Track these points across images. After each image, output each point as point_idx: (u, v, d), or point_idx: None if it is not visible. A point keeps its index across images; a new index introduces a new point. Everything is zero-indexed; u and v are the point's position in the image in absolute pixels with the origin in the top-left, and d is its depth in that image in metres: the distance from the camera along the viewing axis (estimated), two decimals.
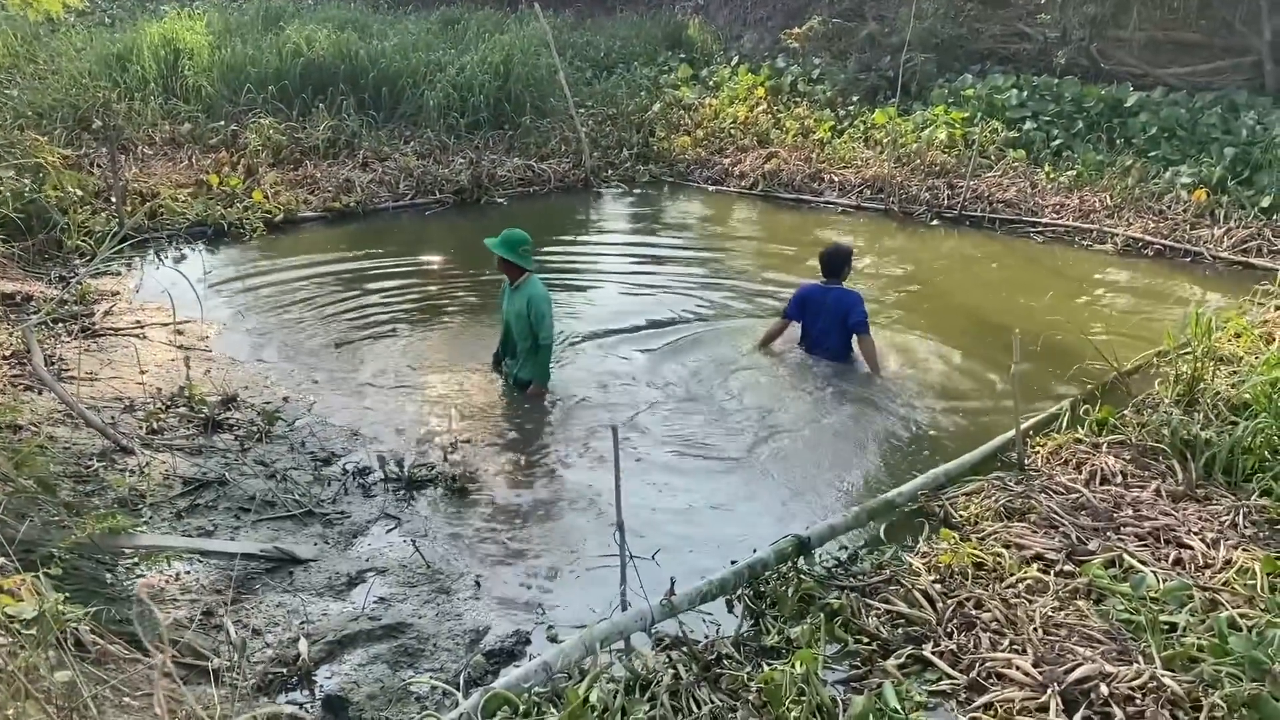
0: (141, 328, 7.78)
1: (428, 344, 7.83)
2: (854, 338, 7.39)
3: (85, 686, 3.23)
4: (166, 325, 7.72)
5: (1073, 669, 3.94)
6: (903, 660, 4.17)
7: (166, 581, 4.56)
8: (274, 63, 14.38)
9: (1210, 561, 4.82)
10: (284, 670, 4.06)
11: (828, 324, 7.42)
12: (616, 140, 14.80)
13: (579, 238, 11.49)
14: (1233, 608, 4.39)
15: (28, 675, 2.97)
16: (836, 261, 7.51)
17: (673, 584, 4.33)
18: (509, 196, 12.75)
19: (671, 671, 3.94)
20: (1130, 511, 5.29)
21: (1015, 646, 4.18)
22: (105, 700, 3.40)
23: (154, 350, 7.37)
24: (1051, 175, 12.50)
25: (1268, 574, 4.63)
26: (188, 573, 4.69)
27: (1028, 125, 13.58)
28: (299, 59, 14.40)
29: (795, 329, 7.71)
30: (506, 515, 5.47)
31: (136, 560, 4.69)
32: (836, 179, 13.21)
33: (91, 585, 4.30)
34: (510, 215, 11.89)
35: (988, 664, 4.08)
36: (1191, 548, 4.93)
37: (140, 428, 6.01)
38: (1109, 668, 3.94)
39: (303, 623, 4.40)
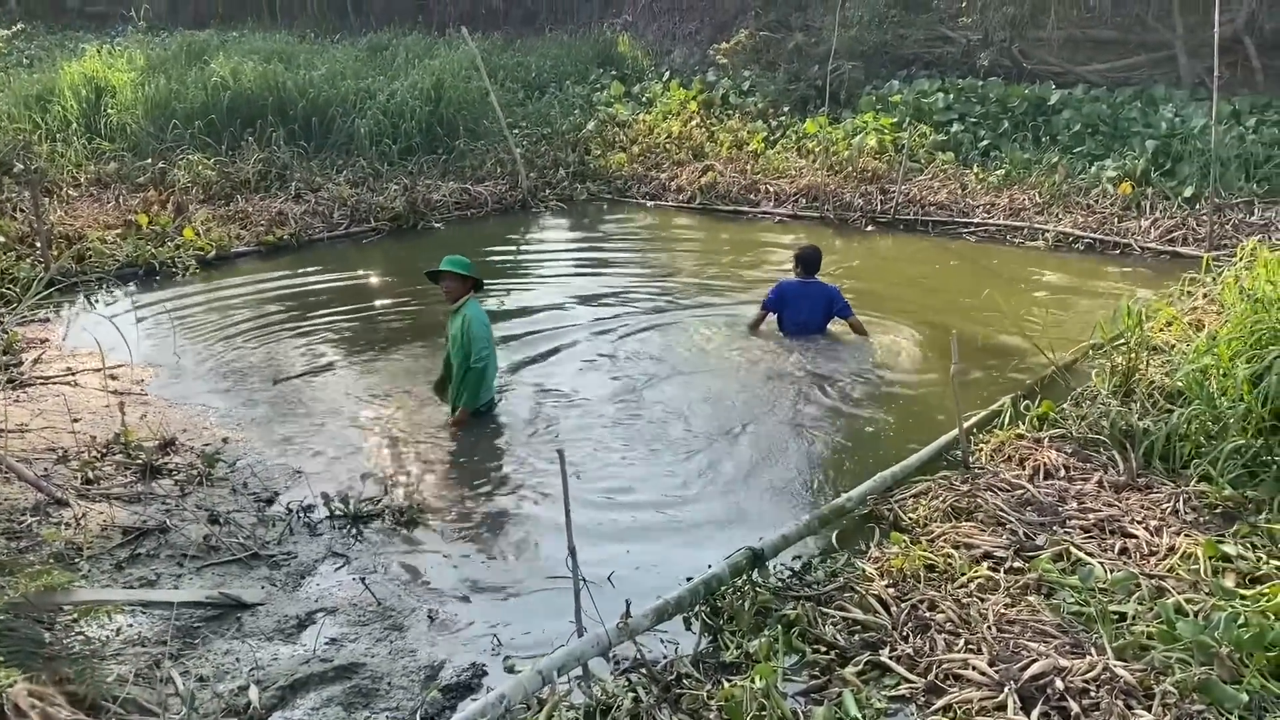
0: (73, 375, 7.59)
1: (368, 375, 7.73)
2: (835, 320, 8.28)
3: None
4: (99, 371, 7.53)
5: (1028, 665, 3.98)
6: (861, 667, 4.17)
7: (107, 637, 4.43)
8: (200, 97, 14.21)
9: (1155, 549, 4.91)
10: None
11: (810, 313, 8.25)
12: (552, 160, 14.80)
13: (518, 259, 11.45)
14: (1179, 593, 4.47)
15: None
16: (817, 259, 8.35)
17: (628, 606, 4.30)
18: (446, 221, 12.68)
19: (631, 695, 3.91)
20: (1075, 504, 5.38)
21: (970, 646, 4.20)
22: None
23: (87, 397, 7.19)
24: (981, 175, 12.73)
25: (1210, 558, 4.72)
26: (130, 625, 4.56)
27: (955, 127, 13.83)
28: (225, 92, 14.23)
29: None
30: (456, 546, 5.40)
31: (76, 616, 4.55)
32: (772, 189, 13.33)
33: (29, 646, 4.16)
34: (448, 239, 11.82)
35: (944, 665, 4.10)
36: (1136, 536, 5.02)
37: (75, 478, 5.84)
38: (1063, 662, 3.99)
39: (252, 669, 4.30)
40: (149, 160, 13.17)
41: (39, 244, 9.84)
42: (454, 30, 19.24)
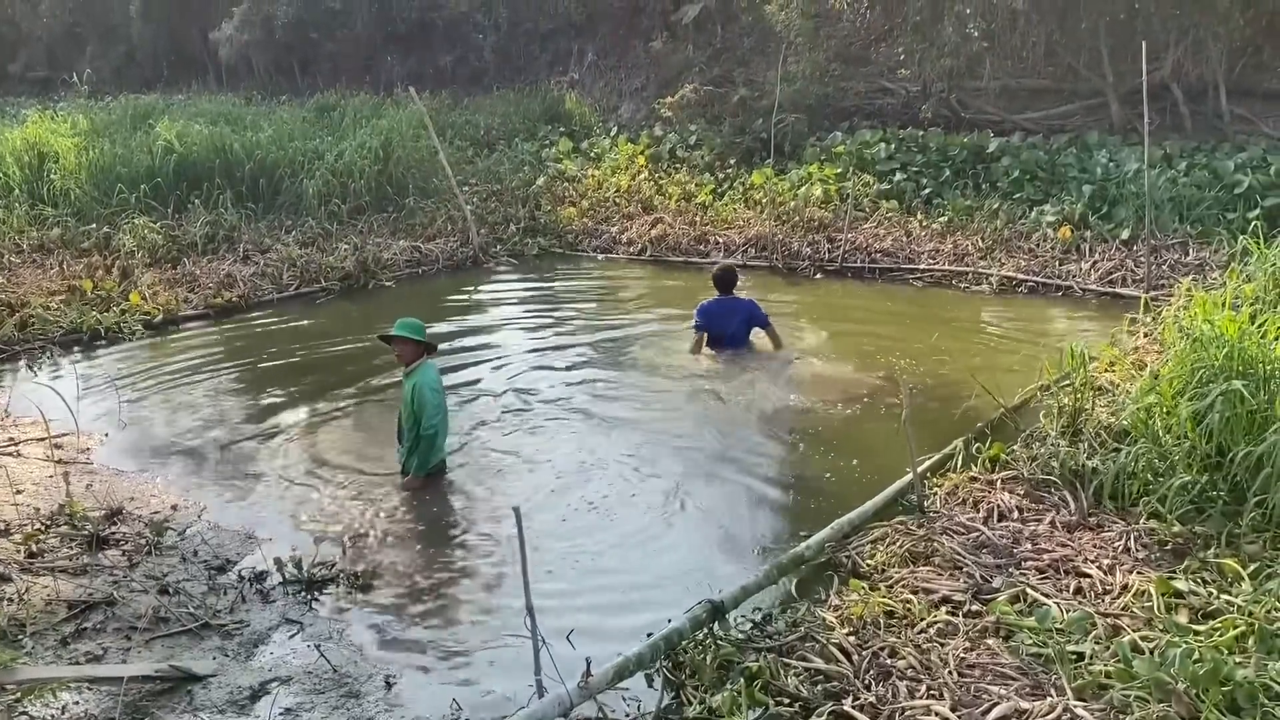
0: (15, 445, 7.42)
1: (318, 437, 7.62)
2: (755, 331, 9.05)
3: None
4: (42, 440, 7.37)
5: (989, 709, 4.00)
6: (825, 718, 4.15)
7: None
8: (145, 161, 14.15)
9: (1108, 588, 4.96)
10: None
11: (737, 326, 9.00)
12: (503, 216, 14.88)
13: (470, 314, 11.41)
14: (1134, 631, 4.52)
15: None
16: (731, 278, 9.20)
17: (588, 664, 4.26)
18: (397, 279, 12.63)
19: None
20: (1029, 545, 5.43)
21: (932, 692, 4.21)
22: None
23: (30, 468, 7.03)
24: (924, 223, 12.97)
25: (1162, 595, 4.78)
26: (76, 703, 4.43)
27: (898, 176, 14.11)
28: (171, 156, 14.17)
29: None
30: (413, 608, 5.32)
31: (19, 696, 4.41)
32: (721, 240, 13.48)
33: None
34: (399, 297, 11.78)
35: (907, 713, 4.09)
36: (1090, 576, 5.07)
37: (18, 552, 5.69)
38: (1024, 704, 4.01)
39: None
40: (93, 225, 13.04)
41: None
42: (401, 90, 19.34)
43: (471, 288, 12.58)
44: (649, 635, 4.63)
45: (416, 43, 24.08)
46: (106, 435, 7.72)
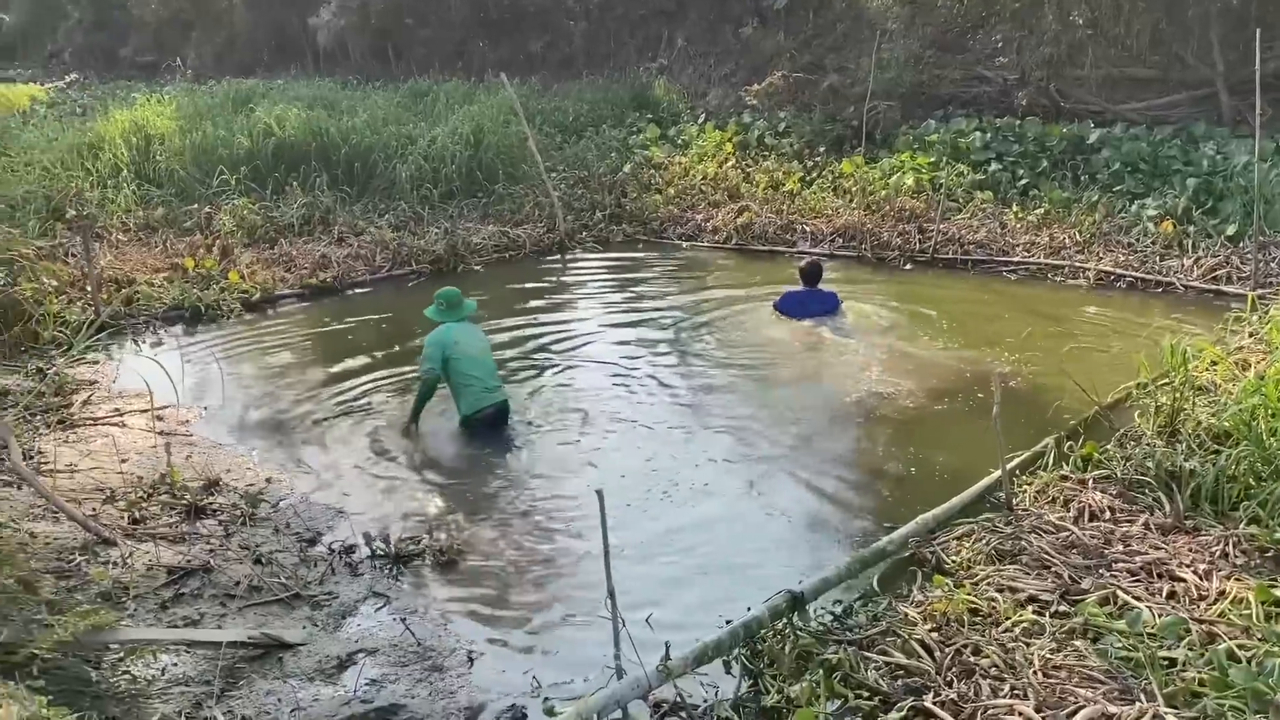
0: (120, 415, 7.71)
1: (408, 414, 7.78)
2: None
3: None
4: (146, 412, 7.66)
5: (1075, 712, 3.91)
6: (904, 713, 4.10)
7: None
8: (245, 144, 14.54)
9: (1204, 593, 4.81)
10: None
11: (820, 317, 9.60)
12: (589, 202, 14.93)
13: (556, 299, 11.50)
14: (1230, 639, 4.37)
15: None
16: (818, 271, 9.89)
17: (668, 648, 4.29)
18: (485, 263, 12.79)
19: None
20: (1121, 547, 5.29)
21: (1016, 692, 4.14)
22: None
23: (134, 438, 7.30)
24: (1020, 214, 12.65)
25: (1262, 603, 4.62)
26: (175, 665, 4.61)
27: (993, 166, 13.79)
28: (270, 139, 14.55)
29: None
30: (496, 585, 5.41)
31: (122, 656, 4.61)
32: (809, 229, 13.35)
33: (76, 685, 4.22)
34: (487, 281, 11.91)
35: (990, 712, 4.03)
36: (1184, 580, 4.92)
37: (122, 518, 5.92)
38: (1112, 708, 3.91)
39: (294, 710, 4.32)
40: (195, 205, 13.46)
41: (89, 288, 10.06)
42: (493, 76, 19.55)
43: (557, 272, 12.69)
44: (728, 622, 4.64)
45: (508, 29, 24.30)
46: (206, 409, 7.98)
